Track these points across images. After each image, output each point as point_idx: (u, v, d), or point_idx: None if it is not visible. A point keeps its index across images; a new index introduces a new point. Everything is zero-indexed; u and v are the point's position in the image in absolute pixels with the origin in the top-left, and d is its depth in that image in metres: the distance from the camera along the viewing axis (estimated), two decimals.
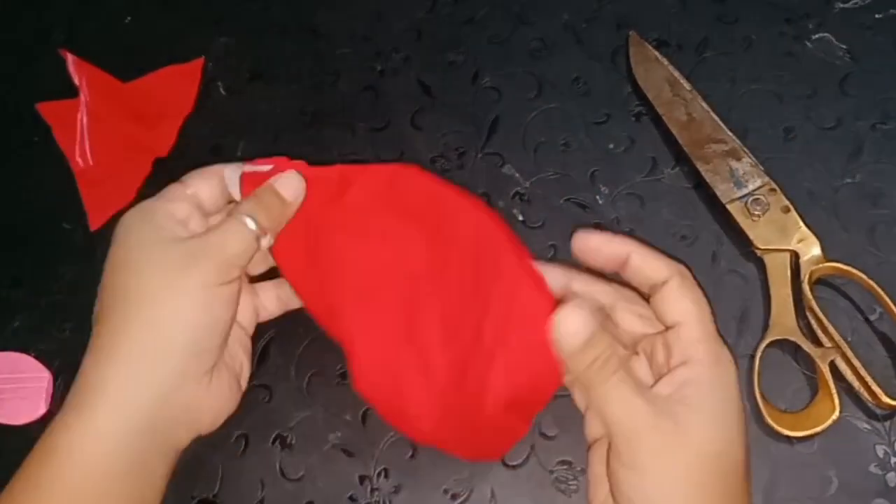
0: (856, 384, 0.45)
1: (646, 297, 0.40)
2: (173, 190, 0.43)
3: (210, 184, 0.44)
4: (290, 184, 0.42)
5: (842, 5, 0.54)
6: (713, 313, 0.38)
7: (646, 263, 0.38)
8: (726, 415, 0.36)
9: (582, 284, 0.40)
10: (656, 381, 0.37)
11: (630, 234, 0.50)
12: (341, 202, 0.42)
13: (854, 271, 0.46)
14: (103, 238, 0.55)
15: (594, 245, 0.39)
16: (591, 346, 0.35)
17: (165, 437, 0.40)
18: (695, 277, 0.38)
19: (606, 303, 0.40)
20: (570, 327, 0.35)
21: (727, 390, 0.36)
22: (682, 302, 0.37)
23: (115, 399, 0.38)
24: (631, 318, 0.40)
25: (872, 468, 0.44)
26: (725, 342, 0.38)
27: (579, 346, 0.35)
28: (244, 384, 0.45)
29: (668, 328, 0.38)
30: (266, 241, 0.41)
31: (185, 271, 0.39)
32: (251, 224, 0.40)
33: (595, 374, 0.35)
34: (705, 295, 0.38)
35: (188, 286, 0.39)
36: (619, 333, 0.40)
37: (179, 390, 0.39)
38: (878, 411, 0.45)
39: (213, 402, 0.42)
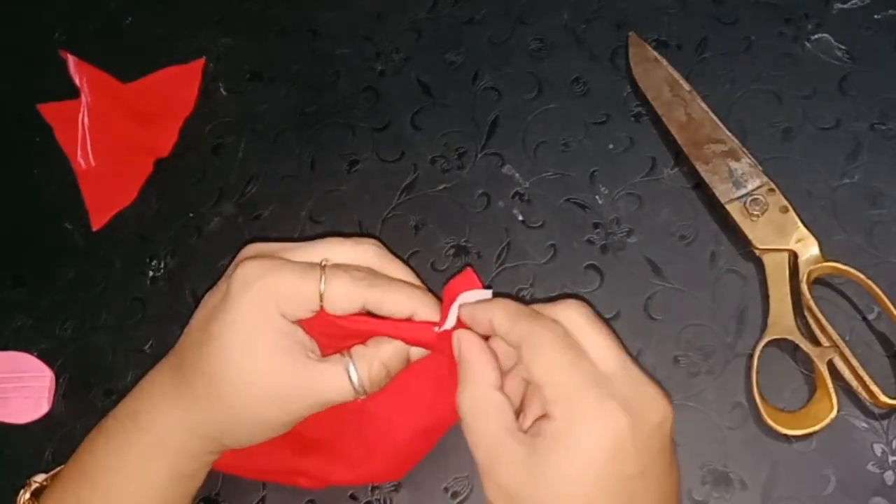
0: (854, 383, 0.45)
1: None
2: (307, 267, 0.39)
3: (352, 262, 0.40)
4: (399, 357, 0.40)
5: (841, 6, 0.54)
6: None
7: (503, 330, 0.37)
8: (579, 479, 0.34)
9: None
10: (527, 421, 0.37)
11: (629, 234, 0.50)
12: None
13: (852, 271, 0.46)
14: (104, 238, 0.56)
15: (466, 315, 0.38)
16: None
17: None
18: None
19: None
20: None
21: (586, 453, 0.34)
22: (533, 366, 0.36)
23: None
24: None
25: (870, 467, 0.44)
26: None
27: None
28: None
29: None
30: (362, 398, 0.40)
31: (278, 404, 0.39)
32: (355, 379, 0.39)
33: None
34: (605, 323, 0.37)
35: (273, 413, 0.40)
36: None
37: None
38: (876, 410, 0.45)
39: None
